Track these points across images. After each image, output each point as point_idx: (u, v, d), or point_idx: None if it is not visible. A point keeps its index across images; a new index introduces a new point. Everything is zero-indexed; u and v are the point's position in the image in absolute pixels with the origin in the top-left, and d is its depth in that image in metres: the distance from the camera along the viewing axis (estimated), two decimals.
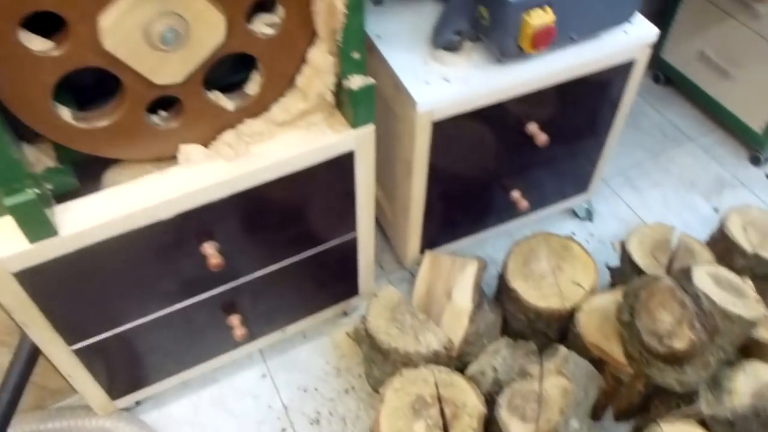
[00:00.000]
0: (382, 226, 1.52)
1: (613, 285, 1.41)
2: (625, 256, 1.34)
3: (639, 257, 1.30)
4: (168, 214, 0.93)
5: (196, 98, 0.89)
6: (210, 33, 0.81)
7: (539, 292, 1.27)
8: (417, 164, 1.19)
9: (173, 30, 0.77)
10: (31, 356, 1.11)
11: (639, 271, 1.29)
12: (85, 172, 0.94)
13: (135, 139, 0.89)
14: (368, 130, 1.01)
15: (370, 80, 0.94)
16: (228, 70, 0.94)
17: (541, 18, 1.01)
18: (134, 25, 0.76)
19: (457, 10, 1.08)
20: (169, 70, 0.82)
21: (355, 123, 0.98)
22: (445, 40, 1.11)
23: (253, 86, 0.94)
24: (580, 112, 1.30)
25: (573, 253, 1.33)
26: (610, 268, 1.42)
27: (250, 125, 0.95)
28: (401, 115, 1.15)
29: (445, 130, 1.15)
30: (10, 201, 0.80)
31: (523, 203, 1.39)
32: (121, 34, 0.76)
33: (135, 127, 0.88)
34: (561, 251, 1.33)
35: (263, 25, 0.87)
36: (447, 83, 1.10)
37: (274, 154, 0.96)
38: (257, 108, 0.95)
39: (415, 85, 1.09)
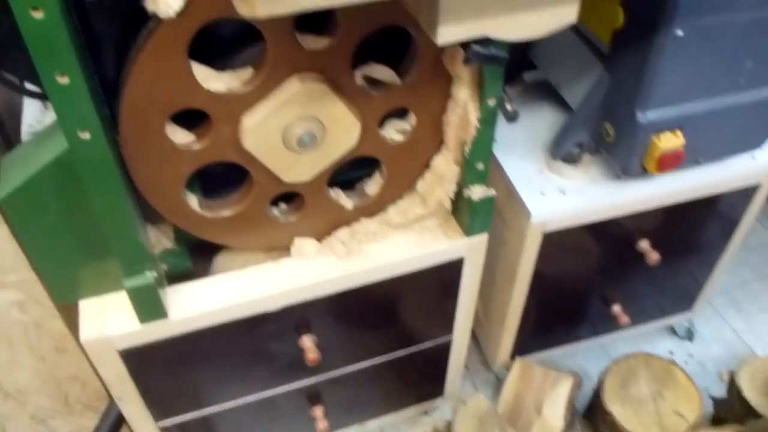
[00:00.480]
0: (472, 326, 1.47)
1: (717, 418, 1.31)
2: (734, 389, 1.25)
3: (751, 395, 1.21)
4: (275, 306, 0.92)
5: (317, 195, 0.89)
6: (344, 138, 0.81)
7: (638, 420, 1.19)
8: (522, 272, 1.15)
9: (311, 134, 0.78)
10: (116, 425, 1.11)
11: (750, 410, 1.19)
12: (198, 253, 0.95)
13: (254, 229, 0.89)
14: (481, 239, 0.98)
15: (491, 192, 0.93)
16: (348, 167, 0.94)
17: (670, 141, 0.98)
18: (275, 127, 0.77)
19: (581, 123, 1.06)
20: (299, 170, 0.82)
21: (470, 232, 0.96)
22: (564, 152, 1.09)
23: (374, 187, 0.93)
24: (696, 232, 1.25)
25: (676, 379, 1.25)
26: (714, 399, 1.33)
27: (365, 224, 0.94)
28: (511, 222, 1.12)
29: (555, 241, 1.11)
30: (129, 283, 0.81)
31: (624, 319, 1.32)
32: (261, 134, 0.77)
33: (256, 219, 0.88)
34: (663, 376, 1.25)
35: (393, 131, 0.88)
36: (563, 195, 1.07)
37: (385, 255, 0.95)
38: (374, 208, 0.95)
39: (529, 194, 1.07)
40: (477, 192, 0.92)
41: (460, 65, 0.80)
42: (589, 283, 1.28)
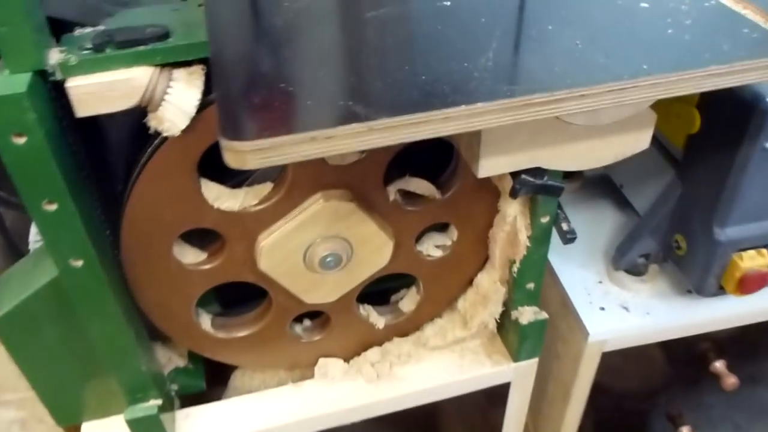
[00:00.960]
0: None
1: None
2: None
3: None
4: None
5: (345, 314, 0.79)
6: (374, 257, 0.72)
7: None
8: (577, 391, 1.02)
9: (336, 255, 0.69)
10: None
11: None
12: (214, 369, 0.86)
13: (273, 349, 0.80)
14: (531, 364, 0.86)
15: (543, 315, 0.81)
16: (381, 280, 0.84)
17: (754, 261, 0.85)
18: (295, 248, 0.68)
19: (649, 232, 0.94)
20: (323, 291, 0.73)
21: (518, 357, 0.84)
22: (628, 263, 0.96)
23: (408, 304, 0.83)
24: None
25: None
26: None
27: (399, 345, 0.84)
28: (566, 335, 1.00)
29: (616, 360, 0.98)
30: (129, 414, 0.72)
31: None
32: (279, 255, 0.68)
33: (275, 339, 0.79)
34: None
35: (432, 246, 0.78)
36: (625, 312, 0.94)
37: (420, 379, 0.84)
38: (409, 327, 0.84)
39: (587, 310, 0.95)
40: (527, 315, 0.80)
41: (509, 180, 0.70)
42: (654, 404, 1.13)
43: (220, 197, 0.64)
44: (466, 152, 0.51)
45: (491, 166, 0.50)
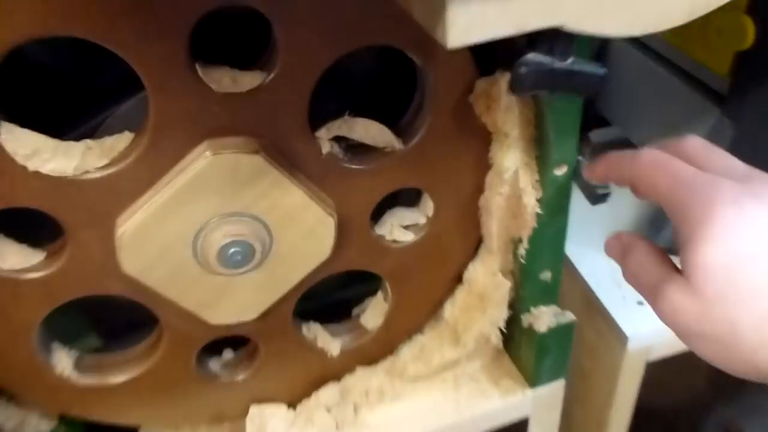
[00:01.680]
0: None
1: None
2: None
3: None
4: None
5: (279, 338, 0.54)
6: (307, 246, 0.47)
7: None
8: (616, 416, 0.77)
9: (244, 244, 0.44)
10: None
11: None
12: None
13: (178, 396, 0.54)
14: (555, 388, 0.61)
15: (568, 316, 0.56)
16: (331, 286, 0.60)
17: None
18: (175, 235, 0.43)
19: None
20: (234, 304, 0.48)
21: (536, 380, 0.59)
22: (668, 238, 0.72)
23: (373, 316, 0.58)
24: None
25: None
26: None
27: (365, 378, 0.58)
28: (595, 345, 0.74)
29: (661, 371, 0.74)
30: None
31: None
32: (152, 250, 0.43)
33: (178, 381, 0.53)
34: None
35: (398, 228, 0.53)
36: None
37: (399, 426, 0.58)
38: (377, 351, 0.59)
39: (621, 306, 0.70)
40: (544, 318, 0.55)
41: (505, 109, 0.45)
42: (713, 418, 0.88)
43: (38, 153, 0.39)
44: (422, 5, 0.27)
45: (470, 22, 0.26)
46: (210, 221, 0.43)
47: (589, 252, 0.76)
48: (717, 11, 0.60)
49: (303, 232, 0.46)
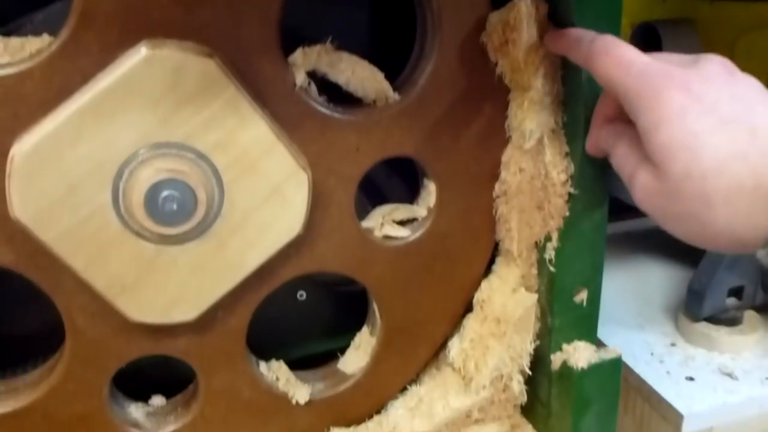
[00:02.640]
0: None
1: None
2: None
3: None
4: None
5: (226, 370, 0.40)
6: (273, 212, 0.35)
7: None
8: None
9: (183, 188, 0.32)
10: None
11: None
12: None
13: None
14: None
15: (613, 352, 0.43)
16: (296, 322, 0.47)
17: None
18: (87, 166, 0.31)
19: (732, 259, 0.59)
20: (163, 291, 0.35)
21: None
22: (715, 307, 0.60)
23: (355, 358, 0.44)
24: None
25: None
26: None
27: None
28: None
29: None
30: None
31: None
32: (53, 186, 0.31)
33: (81, 421, 0.38)
34: None
35: (390, 223, 0.41)
36: (729, 380, 0.56)
37: None
38: (359, 405, 0.44)
39: (667, 382, 0.56)
40: (582, 354, 0.42)
41: (528, 45, 0.36)
42: None
43: None
44: None
45: None
46: (138, 151, 0.32)
47: (618, 331, 0.64)
48: (750, 33, 0.54)
49: (265, 190, 0.35)
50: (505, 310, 0.41)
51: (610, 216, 0.42)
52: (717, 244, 0.30)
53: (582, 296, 0.42)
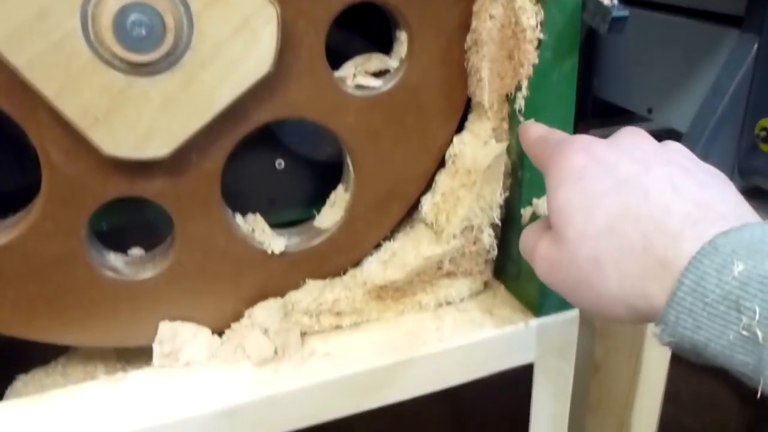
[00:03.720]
0: None
1: None
2: None
3: None
4: None
5: (201, 216, 0.41)
6: (242, 47, 0.35)
7: None
8: (639, 419, 0.61)
9: (151, 13, 0.32)
10: None
11: None
12: None
13: (55, 291, 0.40)
14: (568, 321, 0.47)
15: None
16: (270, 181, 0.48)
17: None
18: None
19: (710, 136, 0.60)
20: (135, 124, 0.35)
21: (542, 303, 0.45)
22: None
23: (330, 214, 0.45)
24: None
25: None
26: None
27: (316, 293, 0.44)
28: (612, 326, 0.61)
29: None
30: None
31: None
32: (22, 8, 0.31)
33: (57, 263, 0.39)
34: None
35: (363, 74, 0.42)
36: None
37: (358, 356, 0.43)
38: (334, 259, 0.45)
39: None
40: None
41: None
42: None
43: None
44: None
45: None
46: None
47: None
48: None
49: (234, 22, 0.35)
50: (475, 161, 0.42)
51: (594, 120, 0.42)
52: (615, 313, 0.29)
53: None
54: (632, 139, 0.31)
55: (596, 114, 0.80)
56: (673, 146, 0.31)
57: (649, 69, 0.71)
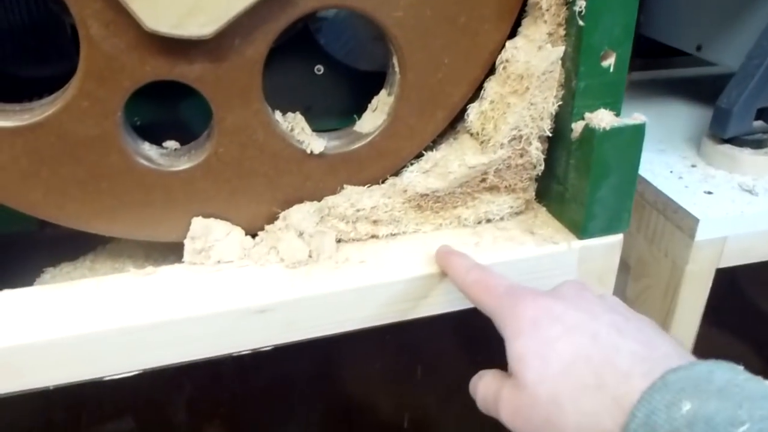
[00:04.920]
0: None
1: None
2: None
3: None
4: (132, 365, 0.38)
5: (240, 108, 0.39)
6: None
7: None
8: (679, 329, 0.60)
9: None
10: None
11: None
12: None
13: (88, 175, 0.39)
14: (612, 246, 0.45)
15: (639, 118, 0.41)
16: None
17: None
18: None
19: (763, 79, 0.57)
20: (179, 1, 0.34)
21: (587, 223, 0.43)
22: (740, 126, 0.58)
23: (371, 119, 0.44)
24: None
25: None
26: None
27: (353, 198, 0.43)
28: (649, 255, 0.59)
29: (744, 280, 0.58)
30: None
31: None
32: None
33: (89, 147, 0.38)
34: None
35: None
36: (749, 196, 0.55)
37: (393, 264, 0.42)
38: (374, 166, 0.44)
39: (683, 195, 0.55)
40: (606, 118, 0.41)
41: None
42: None
43: None
44: None
45: None
46: None
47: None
48: None
49: None
50: (528, 66, 0.40)
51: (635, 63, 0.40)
52: None
53: (610, 60, 0.40)
54: (575, 290, 0.35)
55: (642, 54, 0.77)
56: (611, 298, 0.35)
57: (698, 5, 0.68)
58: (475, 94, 0.43)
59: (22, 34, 0.43)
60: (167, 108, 0.47)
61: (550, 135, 0.42)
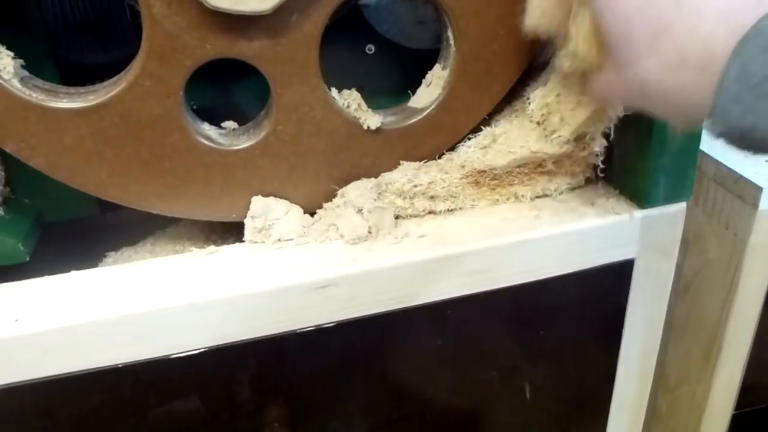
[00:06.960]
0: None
1: None
2: None
3: None
4: (197, 342, 0.39)
5: (298, 84, 0.39)
6: None
7: None
8: (731, 340, 0.58)
9: None
10: None
11: None
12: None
13: (150, 153, 0.39)
14: (674, 213, 0.44)
15: None
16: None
17: None
18: None
19: None
20: None
21: (649, 194, 0.43)
22: None
23: (427, 93, 0.43)
24: None
25: None
26: None
27: (410, 173, 0.43)
28: (704, 226, 0.57)
29: None
30: None
31: None
32: None
33: (153, 126, 0.38)
34: None
35: None
36: None
37: (452, 238, 0.42)
38: (430, 141, 0.43)
39: (744, 164, 0.54)
40: None
41: None
42: None
43: None
44: None
45: None
46: None
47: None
48: None
49: None
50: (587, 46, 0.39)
51: None
52: (673, 119, 0.32)
53: None
54: None
55: None
56: None
57: None
58: (532, 74, 0.43)
59: (83, 19, 0.44)
60: (222, 91, 0.47)
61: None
